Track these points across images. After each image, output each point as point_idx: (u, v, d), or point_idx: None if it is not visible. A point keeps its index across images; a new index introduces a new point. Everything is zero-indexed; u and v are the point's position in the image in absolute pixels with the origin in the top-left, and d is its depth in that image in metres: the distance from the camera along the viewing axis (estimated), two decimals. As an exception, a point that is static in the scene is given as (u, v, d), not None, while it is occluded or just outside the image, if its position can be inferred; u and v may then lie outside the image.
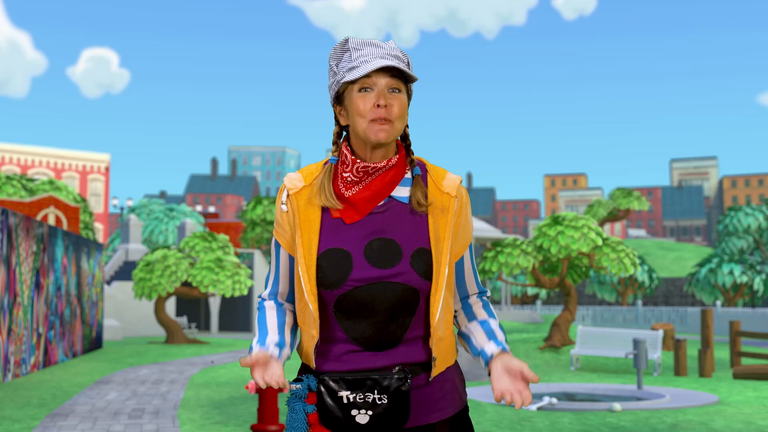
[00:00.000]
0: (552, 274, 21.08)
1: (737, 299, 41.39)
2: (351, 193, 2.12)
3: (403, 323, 2.08)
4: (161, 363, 18.64)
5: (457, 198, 2.16)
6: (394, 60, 2.09)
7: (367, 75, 2.08)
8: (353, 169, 2.11)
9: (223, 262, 25.46)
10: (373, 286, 2.06)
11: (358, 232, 2.10)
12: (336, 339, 2.11)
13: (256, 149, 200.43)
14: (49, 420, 9.81)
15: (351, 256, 2.08)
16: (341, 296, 2.07)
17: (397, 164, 2.14)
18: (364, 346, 2.08)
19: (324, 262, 2.08)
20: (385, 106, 2.06)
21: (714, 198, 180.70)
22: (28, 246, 15.66)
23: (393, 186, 2.13)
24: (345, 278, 2.06)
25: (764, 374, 15.18)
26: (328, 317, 2.11)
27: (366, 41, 2.13)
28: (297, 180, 2.18)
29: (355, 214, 2.11)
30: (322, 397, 2.06)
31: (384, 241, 2.09)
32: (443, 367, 2.15)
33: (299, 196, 2.16)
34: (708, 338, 17.03)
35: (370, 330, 2.07)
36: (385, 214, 2.12)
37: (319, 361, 2.13)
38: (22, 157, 71.97)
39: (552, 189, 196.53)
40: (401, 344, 2.10)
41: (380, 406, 2.04)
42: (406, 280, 2.07)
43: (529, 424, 9.58)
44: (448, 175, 2.19)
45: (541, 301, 57.59)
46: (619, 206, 48.31)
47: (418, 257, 2.09)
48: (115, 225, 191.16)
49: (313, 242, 2.10)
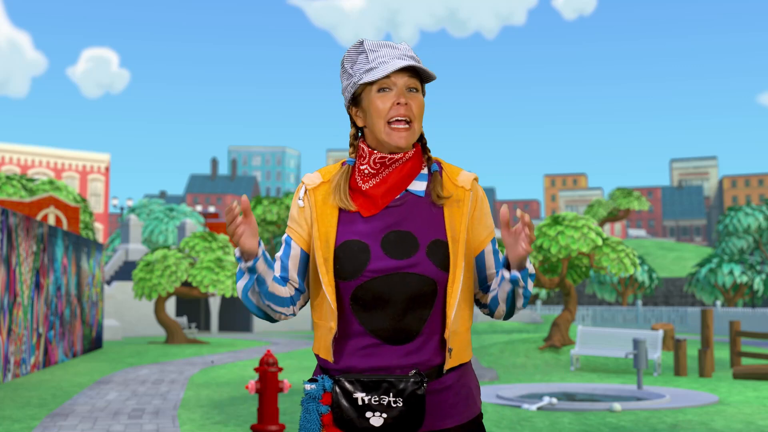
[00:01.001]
0: (552, 274, 21.08)
1: (737, 299, 41.39)
2: (368, 186, 2.13)
3: (420, 315, 2.08)
4: (161, 363, 18.64)
5: (471, 192, 2.17)
6: (411, 60, 2.12)
7: (387, 75, 2.10)
8: (370, 161, 2.13)
9: (223, 262, 25.46)
10: (390, 277, 2.06)
11: (375, 224, 2.11)
12: (353, 332, 2.10)
13: (256, 149, 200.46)
14: (49, 420, 9.81)
15: (368, 248, 2.08)
16: (358, 288, 2.07)
17: (413, 157, 2.16)
18: (381, 339, 2.07)
19: (341, 254, 2.09)
20: (405, 104, 2.09)
21: (714, 198, 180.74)
22: (28, 246, 15.66)
23: (410, 180, 2.14)
24: (362, 269, 2.07)
25: (764, 374, 15.18)
26: (344, 310, 2.11)
27: (381, 43, 2.15)
28: (315, 177, 2.20)
29: (372, 207, 2.12)
30: (337, 399, 2.06)
31: (400, 233, 2.10)
32: (457, 361, 2.13)
33: (317, 192, 2.17)
34: (708, 338, 17.03)
35: (387, 322, 2.07)
36: (402, 207, 2.13)
37: (336, 355, 2.13)
38: (22, 157, 71.97)
39: (552, 189, 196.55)
40: (418, 337, 2.09)
41: (395, 409, 2.03)
42: (422, 270, 2.07)
43: (529, 424, 9.57)
44: (462, 172, 2.21)
45: (541, 301, 57.61)
46: (619, 206, 48.33)
47: (434, 248, 2.09)
48: (115, 225, 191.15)
49: (330, 235, 2.11)
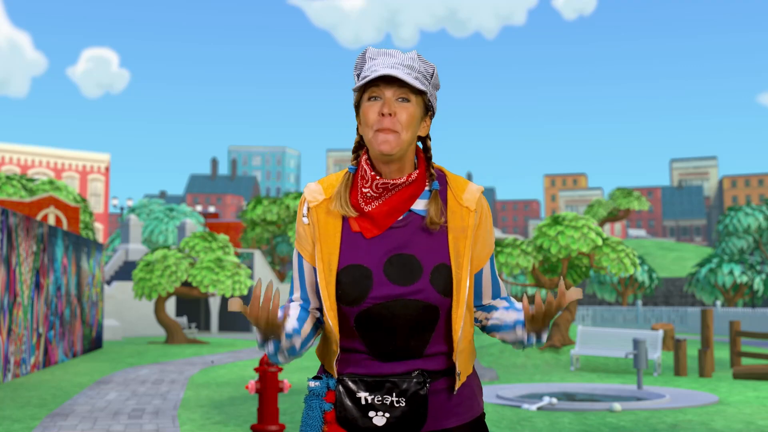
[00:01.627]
0: (552, 274, 21.08)
1: (737, 299, 41.38)
2: (370, 208, 2.08)
3: (422, 338, 2.07)
4: (161, 363, 18.64)
5: (476, 212, 2.12)
6: (402, 70, 2.04)
7: (375, 84, 2.04)
8: (372, 186, 2.08)
9: (223, 262, 25.45)
10: (392, 303, 2.04)
11: (378, 247, 2.07)
12: (356, 350, 2.11)
13: (256, 149, 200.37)
14: (49, 420, 9.81)
15: (371, 273, 2.06)
16: (361, 312, 2.06)
17: (417, 179, 2.10)
18: (384, 360, 2.08)
19: (344, 278, 2.07)
20: (389, 114, 2.02)
21: (714, 198, 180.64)
22: (28, 246, 15.65)
23: (412, 201, 2.09)
24: (365, 296, 2.05)
25: (764, 374, 15.17)
26: (349, 331, 2.11)
27: (382, 51, 2.09)
28: (317, 192, 2.14)
29: (374, 228, 2.08)
30: (340, 397, 2.06)
31: (403, 257, 2.07)
32: (465, 377, 2.15)
33: (319, 209, 2.13)
34: (708, 338, 17.02)
35: (390, 344, 2.07)
36: (405, 228, 2.09)
37: (340, 366, 2.14)
38: (22, 157, 71.96)
39: (552, 189, 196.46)
40: (421, 358, 2.09)
41: (398, 409, 2.03)
42: (425, 297, 2.05)
43: (529, 424, 9.57)
44: (468, 187, 2.15)
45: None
46: (619, 206, 48.30)
47: (437, 273, 2.06)
48: (115, 225, 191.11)
49: (333, 257, 2.08)
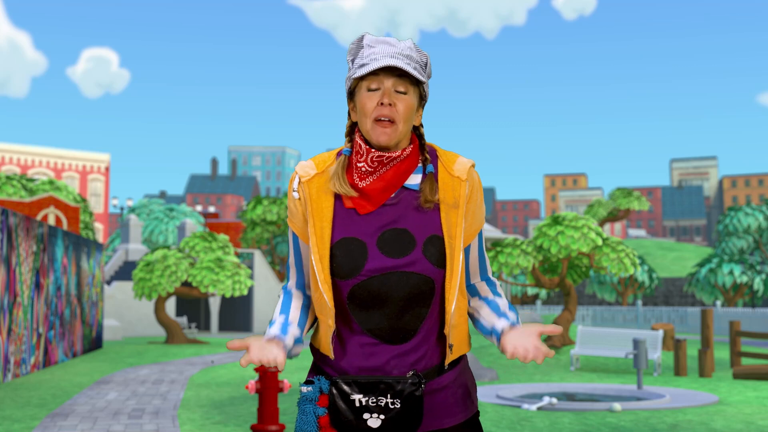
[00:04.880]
0: (552, 274, 21.08)
1: (737, 299, 41.38)
2: (365, 184, 2.08)
3: (418, 313, 2.06)
4: (161, 363, 18.64)
5: (468, 181, 2.12)
6: (403, 60, 2.04)
7: (375, 73, 2.04)
8: (368, 159, 2.07)
9: (223, 262, 25.45)
10: (387, 276, 2.03)
11: (372, 223, 2.07)
12: (351, 331, 2.09)
13: (256, 149, 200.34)
14: (49, 420, 9.81)
15: (365, 246, 2.05)
16: (355, 287, 2.04)
17: (411, 154, 2.11)
18: (378, 338, 2.06)
19: (338, 252, 2.06)
20: (389, 104, 2.03)
21: (714, 198, 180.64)
22: (28, 246, 15.66)
23: (406, 176, 2.10)
24: (360, 268, 2.04)
25: (764, 374, 15.17)
26: (343, 308, 2.09)
27: (381, 39, 2.09)
28: (309, 167, 2.14)
29: (368, 204, 2.08)
30: (334, 400, 2.04)
31: (396, 231, 2.06)
32: (458, 353, 2.13)
33: (311, 184, 2.12)
34: (708, 338, 17.02)
35: (384, 321, 2.05)
36: (398, 205, 2.09)
37: (336, 352, 2.11)
38: (22, 157, 71.96)
39: (552, 189, 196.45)
40: (416, 335, 2.07)
41: (393, 411, 2.01)
42: (420, 269, 2.04)
43: (529, 424, 9.57)
44: (459, 159, 2.15)
45: (541, 301, 57.58)
46: (619, 206, 48.28)
47: (430, 245, 2.06)
48: (115, 225, 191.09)
49: (326, 231, 2.08)
